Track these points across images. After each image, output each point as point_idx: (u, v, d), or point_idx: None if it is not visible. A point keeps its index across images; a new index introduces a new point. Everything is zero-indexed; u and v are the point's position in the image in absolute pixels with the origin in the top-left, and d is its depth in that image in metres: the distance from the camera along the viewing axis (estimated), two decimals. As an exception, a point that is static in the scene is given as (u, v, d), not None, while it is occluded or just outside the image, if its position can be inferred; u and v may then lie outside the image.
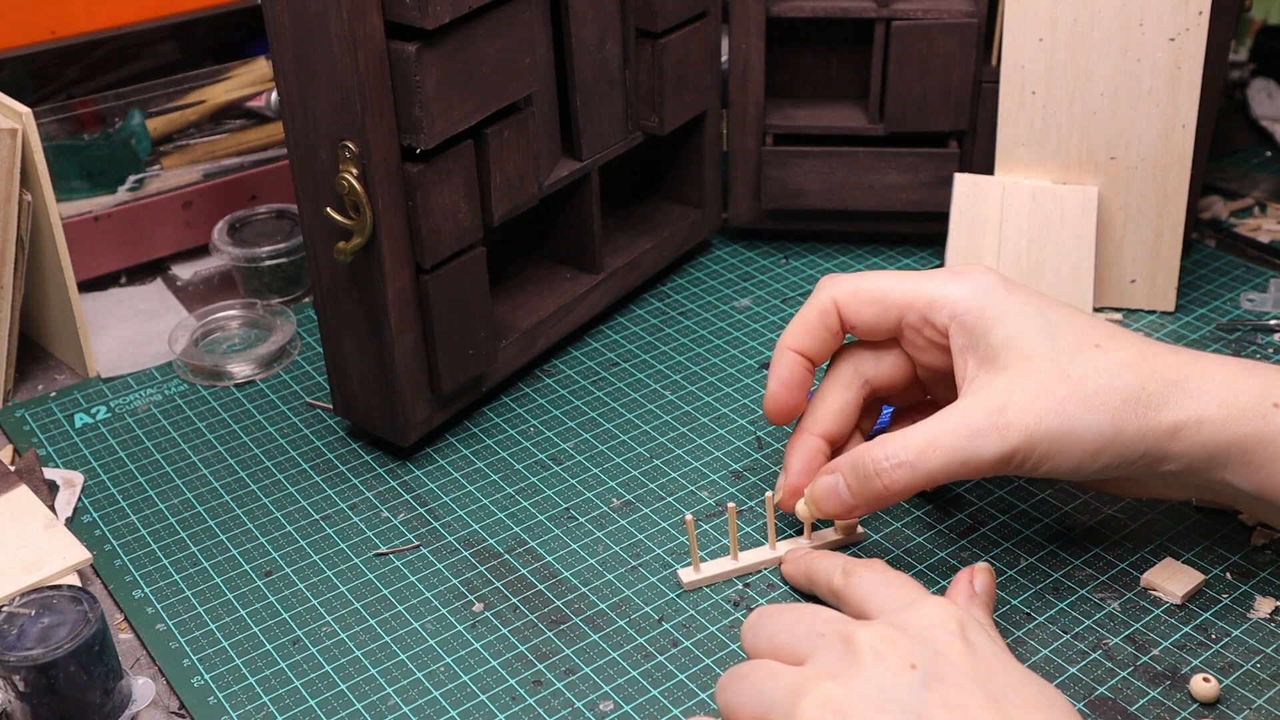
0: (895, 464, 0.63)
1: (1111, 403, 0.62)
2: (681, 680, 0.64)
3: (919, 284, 0.67)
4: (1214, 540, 0.70)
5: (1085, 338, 0.64)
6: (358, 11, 0.66)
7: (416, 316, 0.74)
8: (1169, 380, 0.62)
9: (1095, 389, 0.62)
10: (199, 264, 0.99)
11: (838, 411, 0.70)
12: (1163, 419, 0.62)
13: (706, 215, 0.95)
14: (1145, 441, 0.62)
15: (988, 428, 0.62)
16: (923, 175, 0.92)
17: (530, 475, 0.77)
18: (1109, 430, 0.62)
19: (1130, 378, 0.62)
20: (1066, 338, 0.64)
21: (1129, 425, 0.62)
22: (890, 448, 0.64)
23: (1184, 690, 0.62)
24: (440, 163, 0.72)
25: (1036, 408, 0.62)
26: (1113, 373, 0.63)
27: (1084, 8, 0.81)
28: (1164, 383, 0.62)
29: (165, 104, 1.00)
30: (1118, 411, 0.62)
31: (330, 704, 0.63)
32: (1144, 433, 0.62)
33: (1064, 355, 0.63)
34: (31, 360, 0.90)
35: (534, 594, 0.69)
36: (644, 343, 0.88)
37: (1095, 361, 0.63)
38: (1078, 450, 0.62)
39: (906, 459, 0.63)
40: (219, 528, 0.75)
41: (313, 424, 0.82)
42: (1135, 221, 0.85)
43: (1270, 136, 1.09)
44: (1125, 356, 0.63)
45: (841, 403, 0.70)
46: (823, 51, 0.95)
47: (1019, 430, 0.62)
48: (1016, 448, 0.62)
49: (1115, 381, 0.62)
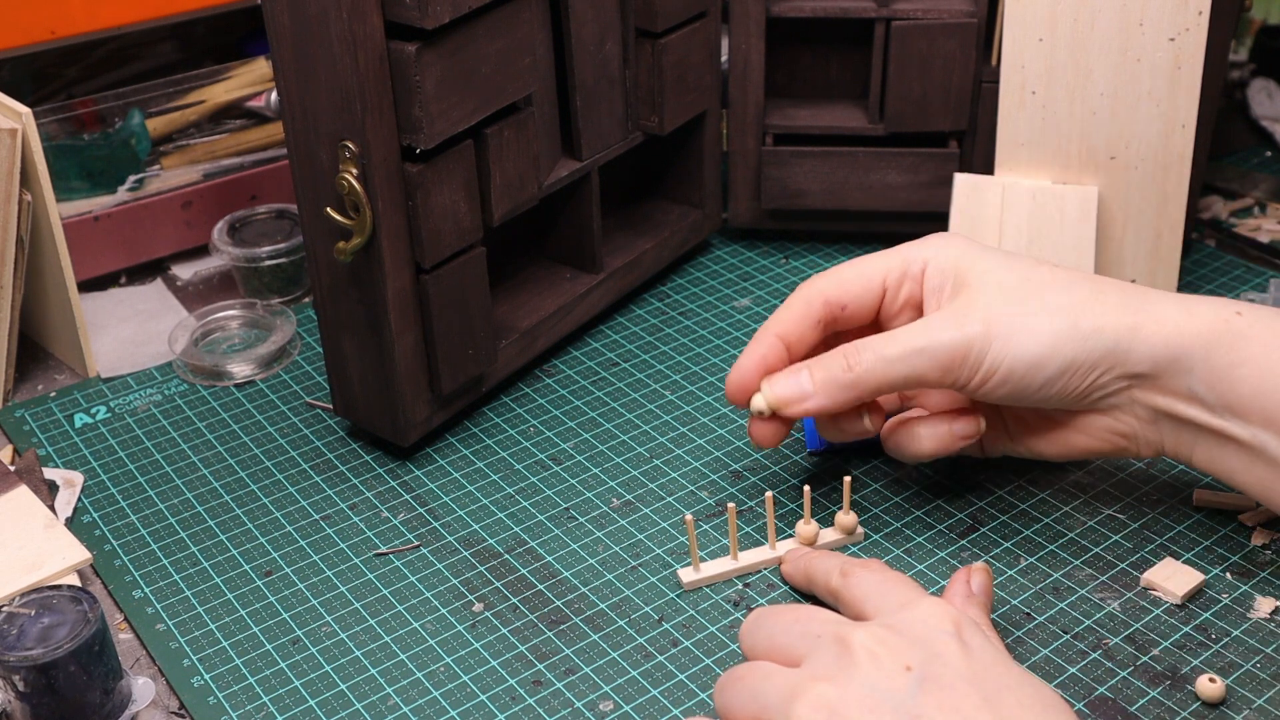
0: (860, 348, 0.66)
1: (1070, 300, 0.65)
2: (681, 680, 0.64)
3: (891, 250, 0.71)
4: (1214, 540, 0.70)
5: (1043, 263, 0.68)
6: (358, 11, 0.66)
7: (416, 316, 0.74)
8: (1127, 291, 0.66)
9: (1053, 288, 0.66)
10: (199, 264, 0.99)
11: (799, 317, 0.70)
12: (1122, 317, 0.64)
13: (706, 215, 0.95)
14: (1104, 337, 0.64)
15: (947, 319, 0.65)
16: (923, 175, 0.92)
17: (530, 475, 0.77)
18: (1066, 322, 0.64)
19: (1088, 285, 0.66)
20: (1025, 260, 0.68)
21: (1086, 318, 0.64)
22: (857, 342, 0.67)
23: (1184, 690, 0.62)
24: (440, 163, 0.72)
25: (994, 302, 0.65)
26: (1071, 281, 0.66)
27: (1084, 8, 0.81)
28: (1122, 291, 0.66)
29: (165, 104, 1.00)
30: (1075, 308, 0.64)
31: (330, 704, 0.63)
32: (1102, 328, 0.64)
33: (1023, 267, 0.67)
34: (31, 360, 0.90)
35: (534, 594, 0.69)
36: (644, 343, 0.88)
37: (1054, 273, 0.67)
38: (1035, 343, 0.64)
39: (870, 346, 0.66)
40: (219, 528, 0.75)
41: (313, 424, 0.82)
42: (1135, 221, 0.85)
43: (1270, 136, 1.09)
44: (1083, 275, 0.67)
45: (801, 312, 0.70)
46: (823, 51, 0.95)
47: (977, 319, 0.65)
48: (974, 335, 0.64)
49: (1073, 286, 0.66)
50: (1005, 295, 0.65)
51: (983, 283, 0.66)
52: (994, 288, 0.66)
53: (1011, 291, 0.66)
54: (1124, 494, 0.74)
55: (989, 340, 0.64)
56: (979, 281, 0.67)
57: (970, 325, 0.65)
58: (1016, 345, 0.64)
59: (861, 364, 0.66)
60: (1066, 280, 0.66)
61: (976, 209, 0.86)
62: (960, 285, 0.67)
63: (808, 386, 0.67)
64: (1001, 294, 0.66)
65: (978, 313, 0.65)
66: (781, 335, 0.70)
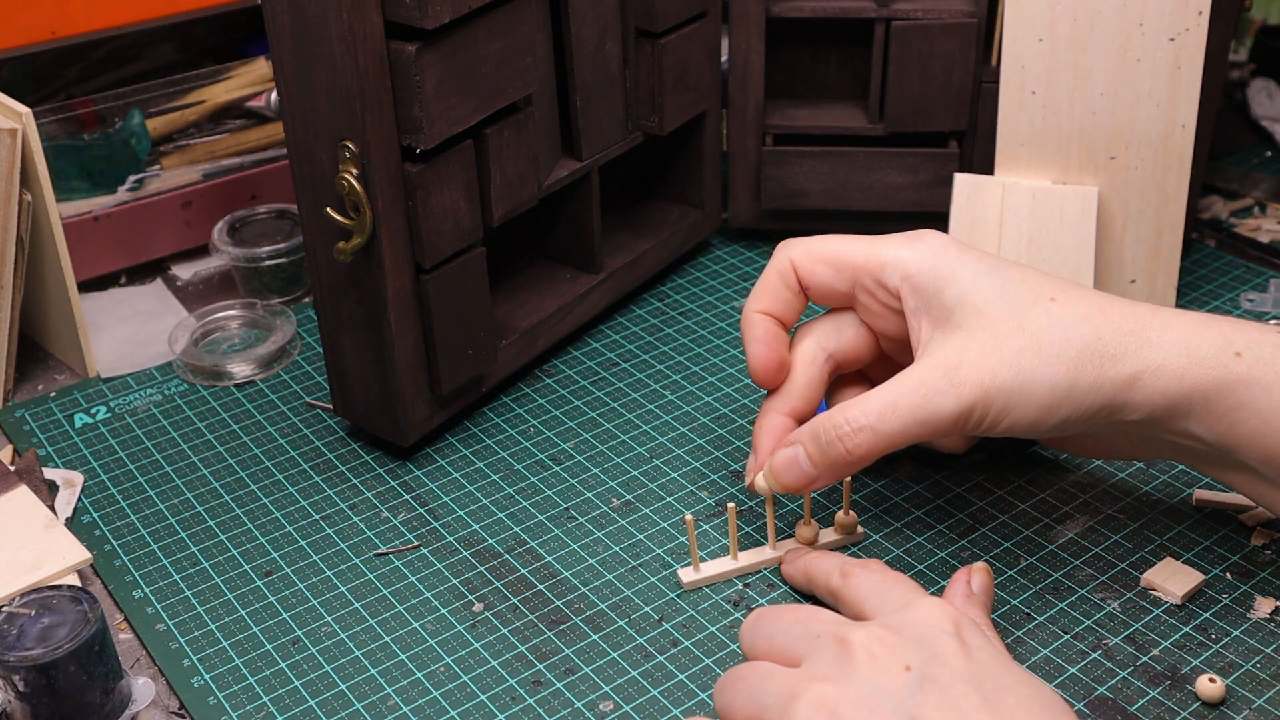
0: (856, 428, 0.63)
1: (1067, 354, 0.62)
2: (681, 680, 0.64)
3: (873, 247, 0.68)
4: (1214, 540, 0.70)
5: (1040, 292, 0.64)
6: (358, 11, 0.66)
7: (416, 316, 0.74)
8: (1127, 330, 0.62)
9: (1050, 341, 0.62)
10: (199, 264, 0.99)
11: (803, 388, 0.70)
12: (1121, 369, 0.61)
13: (706, 215, 0.95)
14: (1103, 392, 0.62)
15: (944, 385, 0.62)
16: (923, 175, 0.92)
17: (530, 475, 0.77)
18: (1065, 382, 0.62)
19: (1086, 329, 0.62)
20: (1020, 292, 0.64)
21: (1085, 376, 0.62)
22: (850, 413, 0.63)
23: (1184, 690, 0.62)
24: (440, 163, 0.72)
25: (991, 363, 0.62)
26: (1068, 324, 0.62)
27: (1084, 8, 0.81)
28: (1121, 332, 0.62)
29: (165, 104, 1.00)
30: (1074, 363, 0.62)
31: (330, 704, 0.63)
32: (1101, 383, 0.62)
33: (1018, 309, 0.63)
34: (31, 360, 0.90)
35: (534, 594, 0.69)
36: (644, 343, 0.88)
37: (1050, 314, 0.63)
38: (1035, 404, 0.62)
39: (866, 422, 0.63)
40: (219, 528, 0.75)
41: (313, 424, 0.82)
42: (1135, 221, 0.85)
43: (1270, 136, 1.09)
44: (1081, 309, 0.63)
45: (805, 379, 0.70)
46: (823, 51, 0.95)
47: (974, 386, 0.62)
48: (973, 403, 0.62)
49: (1071, 334, 0.62)
50: (999, 350, 0.62)
51: (975, 328, 0.63)
52: (988, 339, 0.63)
53: (1006, 345, 0.62)
54: (1124, 494, 0.74)
55: (988, 406, 0.62)
56: (970, 325, 0.63)
57: (967, 393, 0.62)
58: (1015, 409, 0.62)
59: (860, 445, 0.63)
60: (1065, 325, 0.62)
61: (976, 209, 0.86)
62: (948, 318, 0.64)
63: (809, 470, 0.65)
64: (996, 349, 0.62)
65: (974, 375, 0.62)
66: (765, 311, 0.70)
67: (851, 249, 0.68)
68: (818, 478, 0.65)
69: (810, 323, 0.71)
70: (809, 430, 0.65)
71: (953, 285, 0.64)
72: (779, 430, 0.69)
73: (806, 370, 0.70)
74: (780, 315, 0.70)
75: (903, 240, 0.68)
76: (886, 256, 0.67)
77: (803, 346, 0.71)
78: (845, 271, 0.68)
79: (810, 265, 0.69)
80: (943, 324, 0.64)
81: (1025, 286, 0.64)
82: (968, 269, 0.65)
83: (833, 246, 0.69)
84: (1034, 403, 0.62)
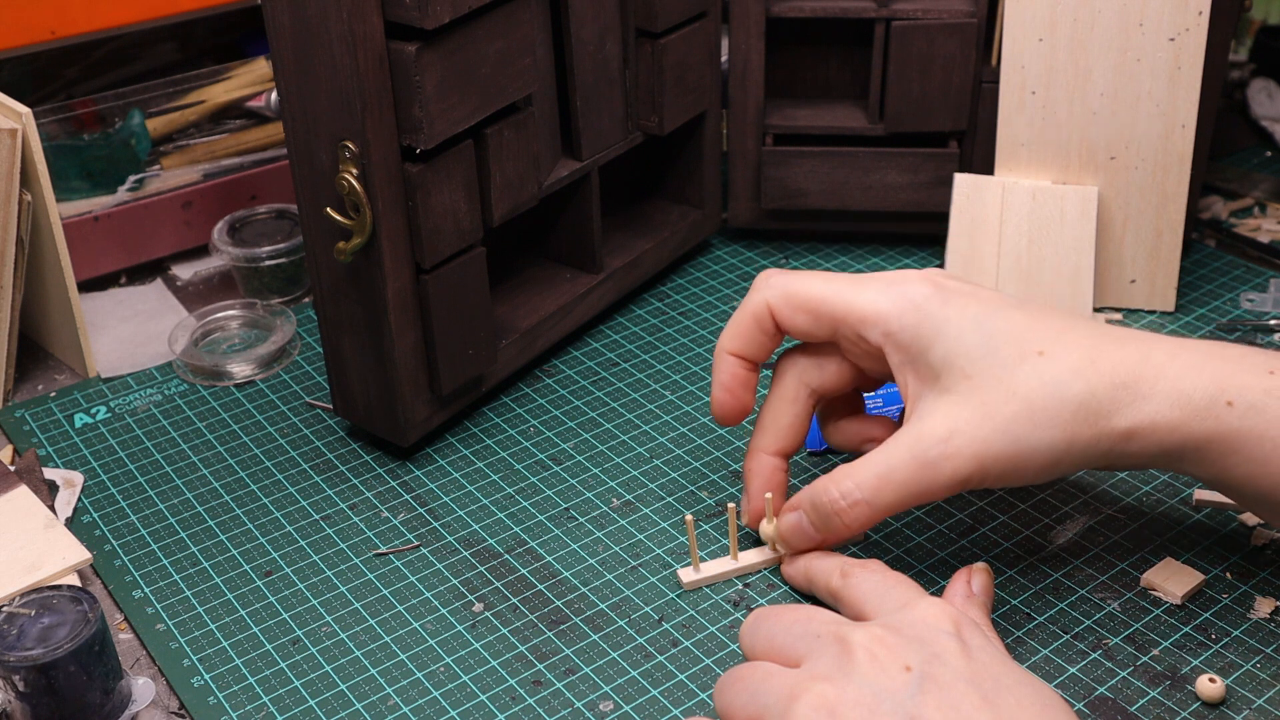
0: (852, 503, 0.64)
1: (1061, 416, 0.61)
2: (681, 680, 0.64)
3: (852, 296, 0.65)
4: (1214, 540, 0.70)
5: (1027, 346, 0.62)
6: (358, 11, 0.66)
7: (416, 316, 0.74)
8: (1119, 383, 0.61)
9: (1043, 404, 0.61)
10: (199, 264, 0.99)
11: (787, 427, 0.69)
12: (1115, 424, 0.61)
13: (706, 215, 0.95)
14: (1100, 447, 0.61)
15: (937, 458, 0.62)
16: (923, 175, 0.92)
17: (530, 475, 0.77)
18: (1061, 443, 0.61)
19: (1079, 386, 0.61)
20: (1007, 349, 0.62)
21: (1081, 435, 0.61)
22: (844, 486, 0.64)
23: (1184, 690, 0.62)
24: (440, 163, 0.72)
25: (983, 432, 0.61)
26: (1060, 383, 0.61)
27: (1084, 8, 0.81)
28: (1114, 386, 0.61)
29: (165, 104, 1.00)
30: (1068, 424, 0.61)
31: (330, 704, 0.63)
32: (1098, 439, 0.61)
33: (1007, 370, 0.62)
34: (31, 360, 0.90)
35: (534, 594, 0.69)
36: (644, 343, 0.88)
37: (1040, 373, 0.61)
38: (1033, 466, 0.62)
39: (862, 497, 0.63)
40: (219, 528, 0.75)
41: (313, 424, 0.82)
42: (1135, 221, 0.85)
43: (1270, 136, 1.09)
44: (1071, 362, 0.61)
45: (790, 418, 0.69)
46: (823, 51, 0.95)
47: (969, 457, 0.61)
48: (969, 474, 0.62)
49: (1063, 392, 0.61)
50: (991, 418, 0.61)
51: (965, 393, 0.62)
52: (979, 405, 0.61)
53: (998, 412, 0.61)
54: (1124, 494, 0.74)
55: (984, 475, 0.62)
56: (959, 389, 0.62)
57: (963, 466, 0.61)
58: (1011, 474, 0.62)
59: (857, 520, 0.64)
60: (1056, 384, 0.61)
61: (976, 209, 0.86)
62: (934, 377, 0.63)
63: (815, 535, 0.66)
64: (988, 417, 0.61)
65: (968, 447, 0.61)
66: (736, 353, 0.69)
67: (831, 300, 0.66)
68: (824, 541, 0.67)
69: (792, 354, 0.69)
70: (809, 498, 0.66)
71: (937, 343, 0.63)
72: (767, 470, 0.69)
73: (789, 409, 0.69)
74: (752, 356, 0.69)
75: (883, 287, 0.65)
76: (866, 310, 0.64)
77: (784, 384, 0.69)
78: (825, 321, 0.66)
79: (789, 313, 0.67)
80: (930, 384, 0.63)
81: (1012, 341, 0.62)
82: (951, 324, 0.63)
83: (812, 292, 0.66)
84: (1032, 465, 0.62)
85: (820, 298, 0.66)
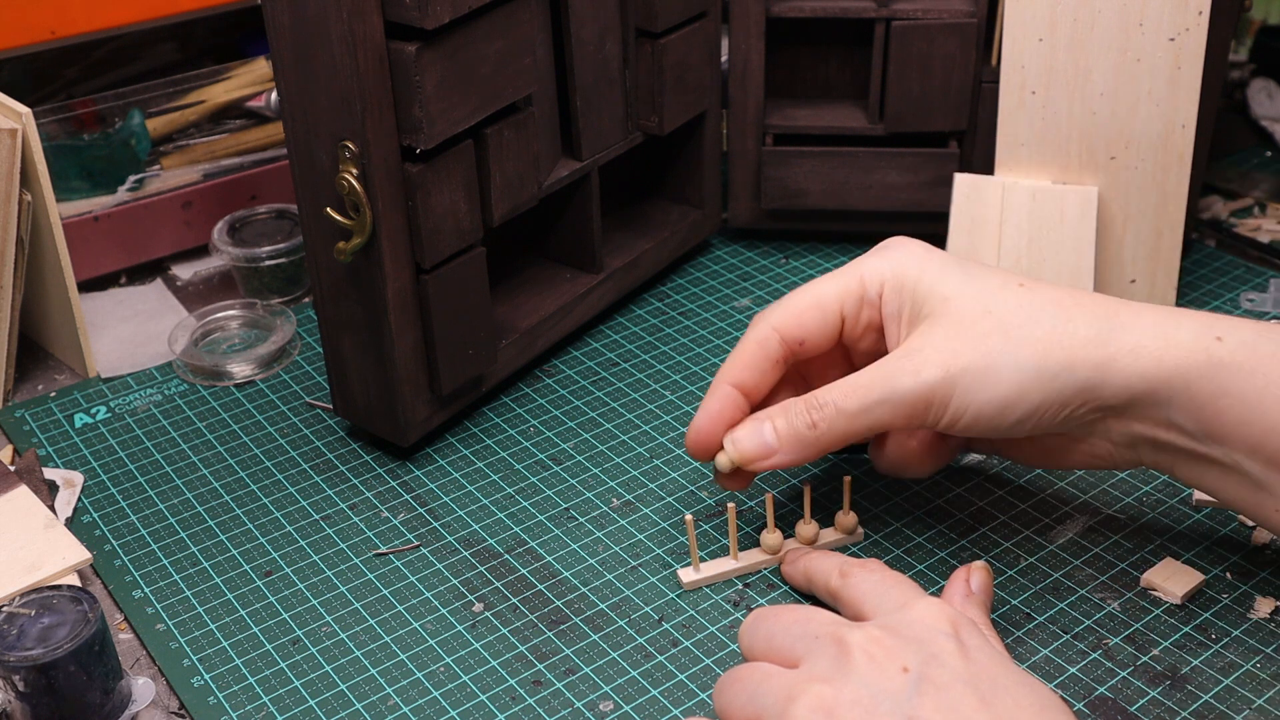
0: (820, 403, 0.64)
1: (1035, 334, 0.61)
2: (681, 680, 0.64)
3: (848, 270, 0.67)
4: (1214, 540, 0.70)
5: (1009, 279, 0.64)
6: (358, 11, 0.66)
7: (416, 316, 0.74)
8: (1098, 315, 0.61)
9: (1018, 321, 0.61)
10: (199, 264, 0.99)
11: (755, 361, 0.68)
12: (1094, 350, 0.60)
13: (706, 215, 0.95)
14: (1076, 374, 0.60)
15: (906, 366, 0.62)
16: (923, 175, 0.92)
17: (530, 475, 0.77)
18: (1032, 364, 0.60)
19: (1055, 311, 0.61)
20: (989, 279, 0.64)
21: (1055, 355, 0.60)
22: (818, 393, 0.64)
23: (1184, 690, 0.62)
24: (440, 163, 0.72)
25: (954, 344, 0.62)
26: (1037, 305, 0.62)
27: (1084, 8, 0.81)
28: (1093, 317, 0.61)
29: (165, 104, 1.00)
30: (1041, 343, 0.60)
31: (330, 704, 0.63)
32: (1073, 364, 0.60)
33: (985, 293, 0.63)
34: (31, 360, 0.90)
35: (534, 594, 0.69)
36: (644, 343, 0.88)
37: (1019, 296, 0.62)
38: (1001, 387, 0.61)
39: (830, 399, 0.64)
40: (219, 528, 0.75)
41: (313, 424, 0.82)
42: (1135, 221, 0.85)
43: (1270, 136, 1.09)
44: (1051, 295, 0.62)
45: (753, 356, 0.68)
46: (823, 51, 0.95)
47: (936, 365, 0.61)
48: (934, 383, 0.61)
49: (1039, 314, 0.61)
50: (964, 332, 0.62)
51: (941, 314, 0.63)
52: (953, 322, 0.62)
53: (971, 327, 0.62)
54: (1124, 494, 0.74)
55: (951, 387, 0.61)
56: (937, 312, 0.63)
57: (928, 371, 0.61)
58: (980, 392, 0.61)
59: (824, 420, 0.64)
60: (1033, 307, 0.62)
61: (976, 209, 0.86)
62: (918, 313, 0.64)
63: (772, 441, 0.65)
64: (960, 331, 0.62)
65: (936, 356, 0.62)
66: (738, 384, 0.68)
67: (828, 284, 0.67)
68: (777, 451, 0.65)
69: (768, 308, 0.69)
70: (779, 407, 0.66)
71: (923, 279, 0.65)
72: (723, 397, 0.68)
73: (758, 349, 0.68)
74: (750, 388, 0.68)
75: (873, 253, 0.68)
76: (864, 271, 0.67)
77: (755, 328, 0.69)
78: (831, 306, 0.67)
79: (795, 321, 0.67)
80: (914, 321, 0.65)
81: (994, 274, 0.64)
82: (935, 263, 0.65)
83: (809, 292, 0.68)
84: (1000, 386, 0.61)
85: (819, 290, 0.68)
